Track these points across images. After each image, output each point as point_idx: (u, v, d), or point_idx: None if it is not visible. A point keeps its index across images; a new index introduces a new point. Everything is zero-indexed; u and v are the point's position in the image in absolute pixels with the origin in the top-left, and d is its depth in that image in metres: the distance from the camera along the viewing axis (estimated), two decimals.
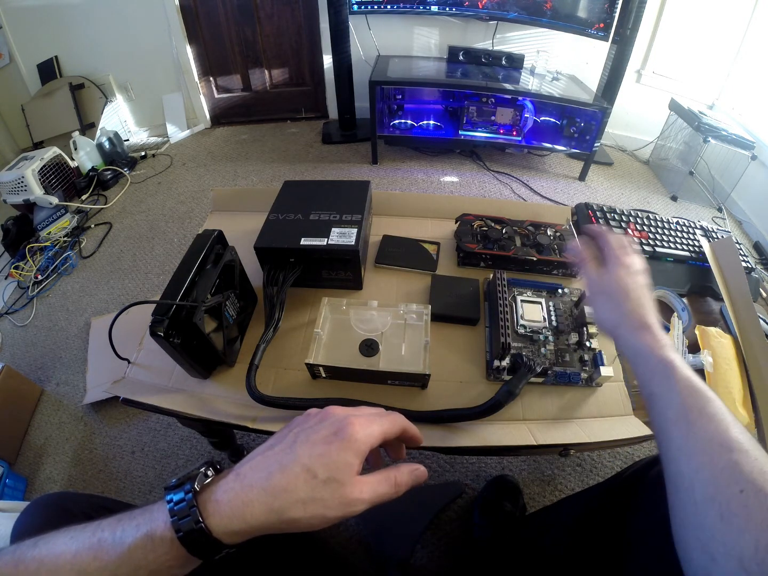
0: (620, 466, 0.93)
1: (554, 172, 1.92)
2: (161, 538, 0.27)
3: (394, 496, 0.30)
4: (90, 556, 0.27)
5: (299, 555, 0.59)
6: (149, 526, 0.27)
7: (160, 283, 1.40)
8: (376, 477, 0.30)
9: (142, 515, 0.29)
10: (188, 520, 0.27)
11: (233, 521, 0.27)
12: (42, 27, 1.92)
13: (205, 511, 0.27)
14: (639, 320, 0.39)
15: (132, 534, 0.27)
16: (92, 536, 0.28)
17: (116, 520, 0.29)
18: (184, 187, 1.86)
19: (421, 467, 0.32)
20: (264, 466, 0.29)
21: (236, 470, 0.30)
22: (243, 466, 0.30)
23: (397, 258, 0.70)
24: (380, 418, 0.32)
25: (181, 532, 0.26)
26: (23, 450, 1.02)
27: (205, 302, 0.48)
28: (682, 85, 1.89)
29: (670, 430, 0.31)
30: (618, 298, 0.41)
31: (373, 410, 0.33)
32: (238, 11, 2.01)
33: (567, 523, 0.53)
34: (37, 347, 1.24)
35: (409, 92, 1.86)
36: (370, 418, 0.31)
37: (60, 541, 0.28)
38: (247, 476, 0.28)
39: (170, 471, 0.95)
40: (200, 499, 0.28)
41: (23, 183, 1.61)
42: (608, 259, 0.45)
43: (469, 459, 0.94)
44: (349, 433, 0.29)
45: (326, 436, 0.29)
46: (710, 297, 0.70)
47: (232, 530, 0.27)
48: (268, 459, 0.29)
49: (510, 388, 0.48)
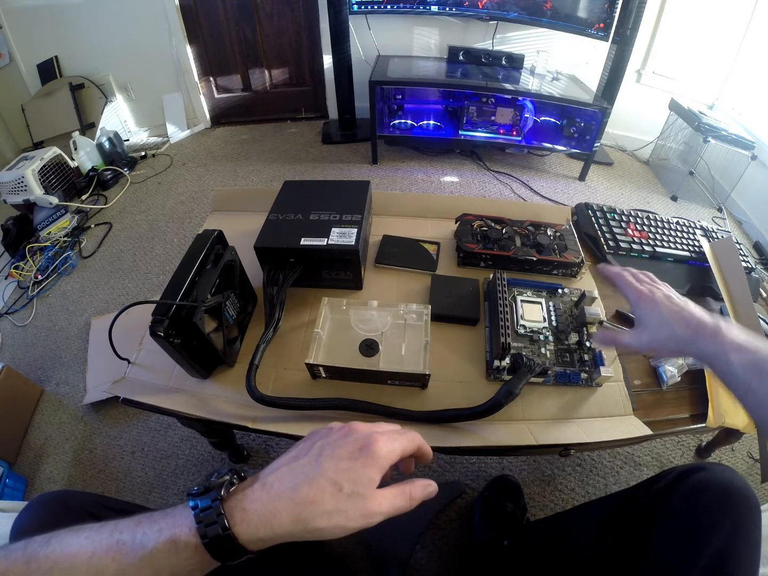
0: (620, 465, 0.93)
1: (554, 172, 1.92)
2: (186, 543, 0.27)
3: (408, 509, 0.31)
4: (108, 558, 0.27)
5: (299, 554, 0.59)
6: (172, 531, 0.28)
7: (160, 283, 1.40)
8: (393, 491, 0.31)
9: (163, 519, 0.29)
10: (215, 527, 0.27)
11: (260, 529, 0.28)
12: (42, 27, 1.92)
13: (232, 519, 0.28)
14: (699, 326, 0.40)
15: (154, 538, 0.27)
16: (110, 538, 0.28)
17: (135, 522, 0.29)
18: (184, 187, 1.86)
19: (433, 483, 0.33)
20: (290, 477, 0.30)
21: (262, 479, 0.30)
22: (269, 476, 0.30)
23: (397, 258, 0.70)
24: (400, 436, 0.33)
25: (207, 539, 0.27)
26: (23, 450, 1.02)
27: (205, 302, 0.48)
28: (682, 85, 1.89)
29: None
30: (673, 323, 0.42)
31: (393, 427, 0.35)
32: (238, 11, 2.01)
33: (591, 526, 0.53)
34: (37, 347, 1.24)
35: (409, 92, 1.85)
36: (392, 435, 0.32)
37: (74, 540, 0.28)
38: (274, 486, 0.29)
39: (170, 471, 0.95)
40: (227, 506, 0.29)
41: (23, 183, 1.61)
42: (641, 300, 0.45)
43: (469, 459, 0.94)
44: (374, 449, 0.30)
45: (352, 451, 0.30)
46: (710, 297, 0.70)
47: (258, 538, 0.28)
48: (294, 470, 0.30)
49: (510, 388, 0.48)
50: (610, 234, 0.75)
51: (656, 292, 0.45)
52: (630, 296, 0.46)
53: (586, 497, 0.89)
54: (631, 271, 0.49)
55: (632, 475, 0.92)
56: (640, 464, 0.94)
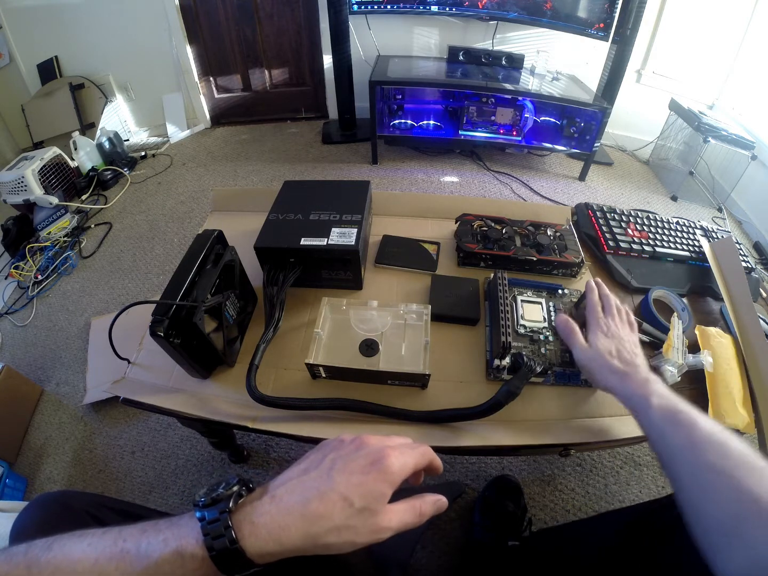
0: (620, 465, 0.93)
1: (554, 172, 1.92)
2: (192, 555, 0.27)
3: (417, 525, 0.31)
4: (112, 567, 0.26)
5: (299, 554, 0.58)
6: (178, 542, 0.27)
7: (160, 283, 1.40)
8: (403, 506, 0.31)
9: (169, 529, 0.28)
10: (222, 540, 0.27)
11: (269, 543, 0.27)
12: (42, 27, 1.92)
13: (240, 532, 0.27)
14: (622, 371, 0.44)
15: (159, 548, 0.27)
16: (114, 545, 0.27)
17: (139, 531, 0.28)
18: (184, 187, 1.86)
19: (443, 498, 0.33)
20: (300, 491, 0.29)
21: (271, 492, 0.30)
22: (278, 488, 0.30)
23: (397, 258, 0.70)
24: (412, 451, 0.33)
25: (215, 551, 0.27)
26: (23, 450, 1.02)
27: (205, 302, 0.48)
28: (682, 85, 1.89)
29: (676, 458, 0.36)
30: (601, 361, 0.46)
31: (404, 440, 0.34)
32: (238, 11, 2.01)
33: (608, 536, 0.53)
34: (37, 347, 1.24)
35: (409, 92, 1.85)
36: (404, 450, 0.32)
37: (77, 546, 0.28)
38: (284, 500, 0.29)
39: (170, 471, 0.95)
40: (235, 519, 0.28)
41: (23, 183, 1.61)
42: (590, 327, 0.50)
43: (469, 459, 0.94)
44: (386, 464, 0.30)
45: (364, 466, 0.30)
46: (710, 297, 0.70)
47: (266, 552, 0.27)
48: (304, 484, 0.30)
49: (510, 388, 0.48)
50: (610, 234, 0.75)
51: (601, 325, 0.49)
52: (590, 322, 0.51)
53: (586, 497, 0.89)
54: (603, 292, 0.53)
55: (632, 475, 0.92)
56: (640, 464, 0.94)
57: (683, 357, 0.55)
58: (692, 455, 0.34)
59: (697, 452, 0.34)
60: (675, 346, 0.55)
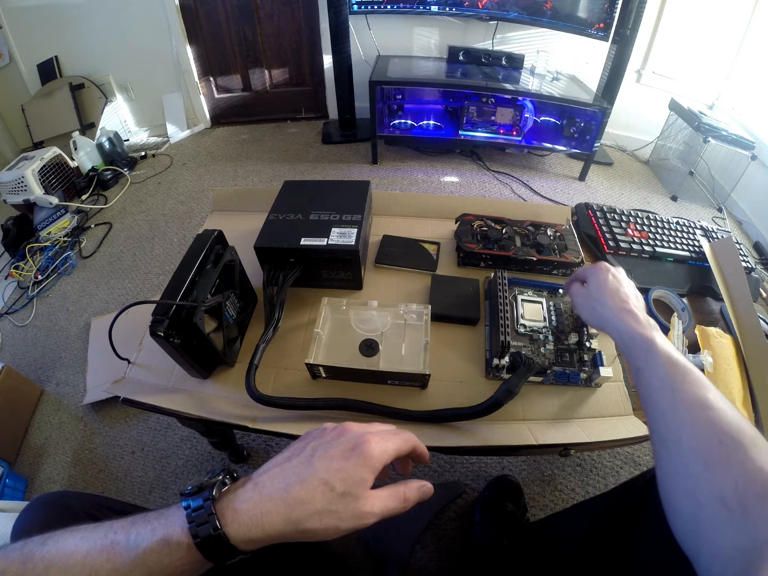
0: (620, 465, 0.93)
1: (554, 172, 1.92)
2: (177, 543, 0.27)
3: (402, 511, 0.31)
4: (102, 558, 0.27)
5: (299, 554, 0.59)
6: (165, 530, 0.28)
7: (160, 283, 1.40)
8: (386, 492, 0.31)
9: (157, 519, 0.29)
10: (206, 527, 0.27)
11: (251, 529, 0.28)
12: (42, 27, 1.92)
13: (223, 519, 0.28)
14: (621, 307, 0.44)
15: (147, 538, 0.27)
16: (104, 538, 0.28)
17: (129, 523, 0.29)
18: (184, 187, 1.86)
19: (428, 484, 0.33)
20: (282, 478, 0.30)
21: (254, 480, 0.30)
22: (261, 476, 0.30)
23: (397, 258, 0.70)
24: (394, 436, 0.33)
25: (199, 538, 0.27)
26: (23, 450, 1.02)
27: (205, 302, 0.48)
28: (682, 85, 1.89)
29: (657, 395, 0.35)
30: (598, 296, 0.47)
31: (387, 427, 0.34)
32: (238, 11, 2.01)
33: (583, 524, 0.53)
34: (37, 347, 1.24)
35: (409, 92, 1.85)
36: (385, 435, 0.32)
37: (70, 540, 0.28)
38: (266, 486, 0.29)
39: (170, 471, 0.95)
40: (218, 506, 0.29)
41: (23, 183, 1.61)
42: (586, 275, 0.51)
43: (469, 459, 0.94)
44: (366, 449, 0.30)
45: (344, 451, 0.30)
46: (710, 297, 0.70)
47: (249, 538, 0.28)
48: (286, 471, 0.30)
49: (509, 387, 0.48)
50: (610, 234, 0.75)
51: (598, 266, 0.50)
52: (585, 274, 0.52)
53: (586, 497, 0.89)
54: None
55: (632, 476, 0.92)
56: (640, 464, 0.94)
57: (682, 353, 0.55)
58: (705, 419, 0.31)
59: (713, 418, 0.31)
60: (675, 346, 0.55)
